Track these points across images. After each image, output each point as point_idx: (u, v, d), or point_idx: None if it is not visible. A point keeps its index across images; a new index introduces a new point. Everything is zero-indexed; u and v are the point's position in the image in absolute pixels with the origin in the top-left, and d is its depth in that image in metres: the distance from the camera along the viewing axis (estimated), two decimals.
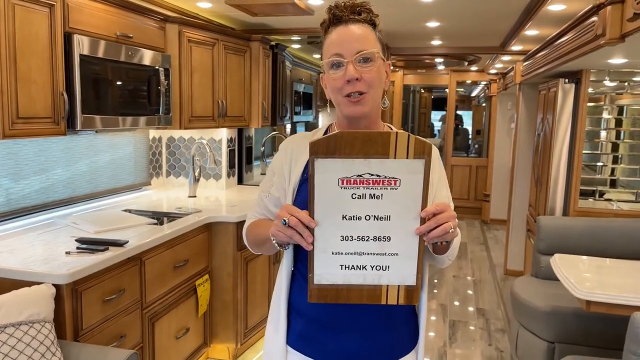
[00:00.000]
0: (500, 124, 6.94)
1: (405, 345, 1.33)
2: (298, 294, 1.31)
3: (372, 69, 1.22)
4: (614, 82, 3.38)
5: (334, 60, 1.23)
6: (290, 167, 1.34)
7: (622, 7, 1.97)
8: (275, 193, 1.36)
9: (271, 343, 1.37)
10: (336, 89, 1.24)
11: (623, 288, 2.35)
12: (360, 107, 1.24)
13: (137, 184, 3.60)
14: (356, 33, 1.22)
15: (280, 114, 4.29)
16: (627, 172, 3.51)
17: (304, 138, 1.37)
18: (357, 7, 1.25)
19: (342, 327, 1.27)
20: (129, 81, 2.69)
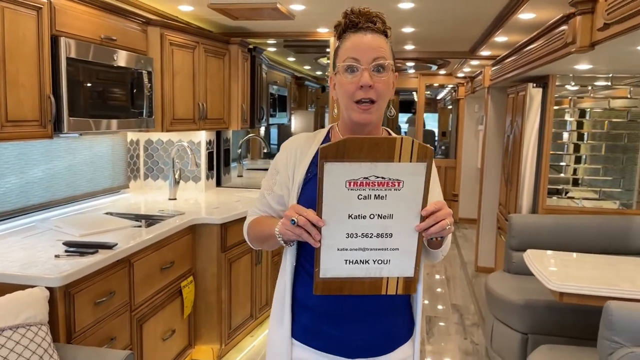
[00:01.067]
0: (468, 126, 7.16)
1: (403, 334, 1.41)
2: (302, 288, 1.37)
3: (384, 79, 1.29)
4: (576, 86, 3.58)
5: (349, 65, 1.28)
6: (294, 166, 1.38)
7: (592, 17, 2.12)
8: (279, 191, 1.41)
9: (276, 337, 1.41)
10: (348, 93, 1.30)
11: (593, 280, 2.51)
12: (368, 116, 1.31)
13: (116, 187, 3.58)
14: (374, 42, 1.29)
15: (258, 116, 4.33)
16: (589, 172, 3.72)
17: (307, 139, 1.43)
18: (373, 17, 1.32)
19: (346, 318, 1.33)
20: (113, 84, 2.69)
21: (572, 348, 2.50)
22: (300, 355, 1.38)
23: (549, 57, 2.75)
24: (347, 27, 1.33)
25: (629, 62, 2.81)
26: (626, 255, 3.22)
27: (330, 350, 1.35)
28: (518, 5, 2.82)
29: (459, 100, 7.50)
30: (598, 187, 3.71)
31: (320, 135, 1.44)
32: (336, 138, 1.41)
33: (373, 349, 1.36)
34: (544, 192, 3.64)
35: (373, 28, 1.31)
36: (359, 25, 1.31)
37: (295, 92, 6.32)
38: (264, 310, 3.73)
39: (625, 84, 3.51)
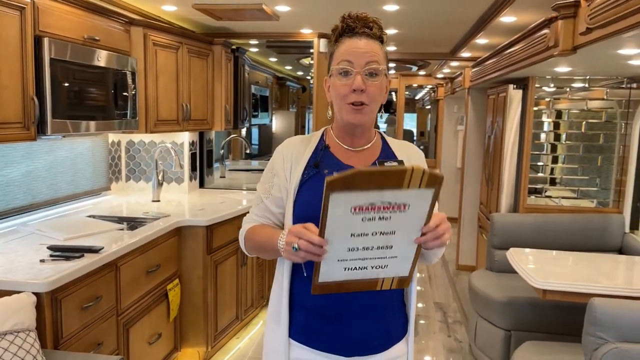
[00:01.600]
0: (447, 126, 7.25)
1: (398, 332, 1.44)
2: (299, 288, 1.38)
3: (377, 84, 1.32)
4: (552, 88, 3.66)
5: (343, 68, 1.31)
6: (291, 169, 1.40)
7: (573, 22, 2.17)
8: (277, 193, 1.42)
9: (273, 337, 1.42)
10: (341, 95, 1.33)
11: (574, 277, 2.58)
12: (360, 116, 1.34)
13: (97, 189, 3.52)
14: (368, 47, 1.31)
15: (242, 117, 4.32)
16: (567, 171, 3.81)
17: (302, 142, 1.45)
18: (370, 22, 1.34)
19: (343, 317, 1.35)
20: (97, 85, 2.65)
21: (555, 344, 2.56)
22: (298, 355, 1.39)
23: (531, 60, 2.81)
24: (344, 32, 1.36)
25: (609, 65, 2.89)
26: (603, 252, 3.32)
27: (328, 349, 1.36)
28: (500, 9, 2.87)
29: (439, 100, 7.59)
30: (576, 187, 3.80)
31: (315, 138, 1.45)
32: (331, 141, 1.44)
33: (370, 346, 1.38)
34: (525, 192, 3.71)
35: (369, 33, 1.34)
36: (355, 30, 1.34)
37: (277, 93, 6.32)
38: (249, 312, 3.72)
39: (601, 86, 3.61)
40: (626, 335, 1.83)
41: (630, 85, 3.50)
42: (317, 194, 1.33)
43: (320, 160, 1.39)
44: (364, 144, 1.42)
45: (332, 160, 1.40)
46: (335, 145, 1.43)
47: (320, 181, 1.35)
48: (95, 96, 2.64)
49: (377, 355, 1.39)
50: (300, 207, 1.36)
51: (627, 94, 3.56)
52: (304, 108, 7.28)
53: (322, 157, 1.40)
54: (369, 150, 1.43)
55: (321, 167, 1.38)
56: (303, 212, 1.35)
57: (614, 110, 3.65)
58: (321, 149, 1.42)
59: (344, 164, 1.40)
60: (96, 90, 2.65)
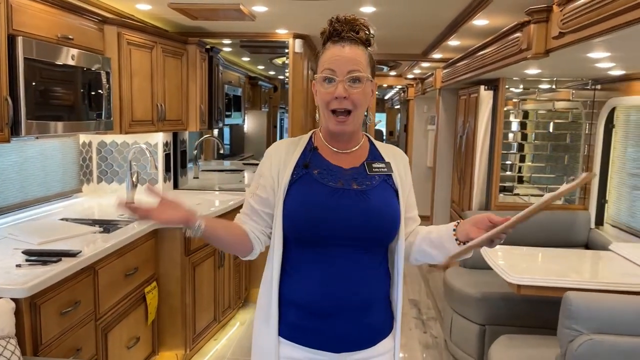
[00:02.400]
0: (417, 126, 7.36)
1: (385, 328, 1.47)
2: (288, 287, 1.40)
3: (360, 90, 1.35)
4: (519, 89, 3.78)
5: (326, 76, 1.35)
6: (278, 170, 1.43)
7: (546, 26, 2.25)
8: (262, 194, 1.45)
9: (262, 337, 1.43)
10: (325, 102, 1.37)
11: (546, 272, 2.67)
12: (343, 127, 1.38)
13: (68, 191, 3.43)
14: (351, 55, 1.34)
15: (216, 117, 4.28)
16: (535, 170, 3.94)
17: (291, 143, 1.49)
18: (356, 25, 1.36)
19: (331, 314, 1.37)
20: (71, 85, 2.59)
21: (529, 337, 2.65)
22: (288, 354, 1.40)
23: (503, 62, 2.90)
24: (331, 35, 1.38)
25: (577, 67, 3.00)
26: (571, 248, 3.45)
27: (318, 346, 1.38)
28: (473, 13, 2.95)
29: (409, 100, 7.70)
30: (543, 184, 3.93)
31: (304, 140, 1.49)
32: (319, 143, 1.47)
33: (358, 342, 1.41)
34: (496, 190, 3.82)
35: (354, 38, 1.36)
36: (342, 34, 1.36)
37: (249, 92, 6.28)
38: (227, 313, 3.70)
39: (566, 87, 3.75)
40: (599, 327, 1.92)
41: (595, 86, 3.64)
42: (307, 192, 1.38)
43: (309, 161, 1.42)
44: (352, 146, 1.46)
45: (321, 161, 1.43)
46: (324, 147, 1.46)
47: (309, 181, 1.39)
48: (69, 96, 2.58)
49: (365, 350, 1.42)
50: (289, 206, 1.39)
51: (591, 95, 3.71)
52: (275, 108, 7.26)
53: (311, 158, 1.43)
54: (356, 152, 1.46)
55: (310, 167, 1.41)
56: (292, 210, 1.38)
57: (579, 111, 3.79)
58: (310, 150, 1.45)
59: (332, 165, 1.43)
60: (70, 90, 2.58)
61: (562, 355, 1.98)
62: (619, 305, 1.95)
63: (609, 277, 2.69)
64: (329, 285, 1.36)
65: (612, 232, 3.52)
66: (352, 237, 1.35)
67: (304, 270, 1.39)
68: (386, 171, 1.44)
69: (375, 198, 1.38)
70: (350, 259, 1.37)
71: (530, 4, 2.38)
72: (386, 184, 1.43)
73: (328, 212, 1.34)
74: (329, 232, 1.34)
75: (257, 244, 1.46)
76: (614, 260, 2.95)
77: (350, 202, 1.36)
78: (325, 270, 1.36)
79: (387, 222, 1.39)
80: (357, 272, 1.37)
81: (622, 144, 3.47)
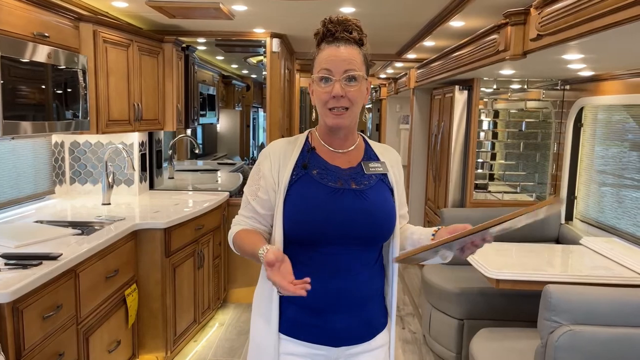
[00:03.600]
0: (390, 125, 7.46)
1: (381, 322, 1.52)
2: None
3: (356, 89, 1.38)
4: (490, 89, 3.89)
5: (323, 75, 1.37)
6: (279, 170, 1.44)
7: (523, 28, 2.33)
8: (263, 196, 1.45)
9: (262, 333, 1.45)
10: (322, 101, 1.39)
11: (523, 267, 2.76)
12: (341, 120, 1.40)
13: (40, 192, 3.35)
14: (346, 55, 1.37)
15: (192, 116, 4.24)
16: (507, 168, 4.05)
17: (288, 143, 1.50)
18: (349, 25, 1.39)
19: (330, 310, 1.41)
20: (48, 84, 2.52)
21: (508, 330, 2.73)
22: (287, 349, 1.43)
23: (480, 63, 2.97)
24: (325, 36, 1.41)
25: (550, 68, 3.10)
26: (542, 243, 3.56)
27: (317, 341, 1.42)
28: (451, 14, 3.01)
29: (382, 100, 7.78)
30: (516, 182, 4.05)
31: (300, 140, 1.51)
32: (316, 142, 1.49)
33: (356, 336, 1.45)
34: (471, 187, 3.91)
35: (348, 38, 1.39)
36: (335, 34, 1.39)
37: (223, 91, 6.23)
38: (206, 314, 3.67)
39: (537, 87, 3.87)
40: (578, 318, 2.00)
41: (564, 87, 3.77)
42: (307, 193, 1.40)
43: (308, 161, 1.44)
44: (348, 145, 1.48)
45: (319, 161, 1.45)
46: (321, 147, 1.48)
47: (309, 181, 1.40)
48: (46, 96, 2.52)
49: (362, 344, 1.46)
50: (290, 207, 1.40)
51: (561, 95, 3.84)
52: (248, 107, 7.23)
53: (309, 158, 1.45)
54: (352, 152, 1.49)
55: (309, 167, 1.43)
56: (293, 211, 1.39)
57: (549, 111, 3.92)
58: (307, 150, 1.47)
59: (330, 165, 1.45)
60: (47, 89, 2.52)
61: (543, 346, 2.05)
62: (596, 297, 2.04)
63: (581, 270, 2.79)
64: (328, 282, 1.38)
65: (581, 227, 3.65)
66: (352, 236, 1.38)
67: (303, 268, 1.39)
68: (382, 170, 1.48)
69: (373, 197, 1.42)
70: (348, 256, 1.40)
71: (506, 7, 2.45)
72: (382, 183, 1.47)
73: (329, 212, 1.37)
74: (329, 232, 1.37)
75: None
76: (584, 253, 3.07)
77: (350, 202, 1.39)
78: (324, 268, 1.39)
79: (385, 221, 1.43)
80: (355, 269, 1.41)
81: (590, 142, 3.61)
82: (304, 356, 1.43)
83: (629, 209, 3.17)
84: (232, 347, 3.49)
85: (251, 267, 4.23)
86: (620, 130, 3.29)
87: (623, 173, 3.27)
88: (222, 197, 3.86)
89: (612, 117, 3.38)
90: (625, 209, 3.21)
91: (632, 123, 3.19)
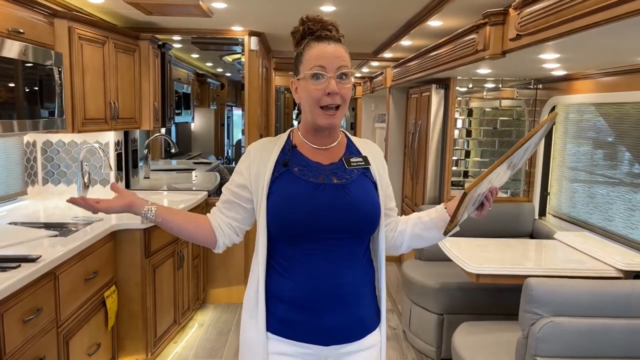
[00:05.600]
0: (365, 124, 7.50)
1: (372, 322, 1.51)
2: (275, 281, 1.43)
3: (348, 86, 1.40)
4: (464, 88, 3.96)
5: (316, 72, 1.37)
6: (258, 167, 1.46)
7: (502, 28, 2.38)
8: (235, 189, 1.51)
9: (250, 333, 1.44)
10: (315, 98, 1.39)
11: (502, 262, 2.82)
12: (334, 120, 1.42)
13: (12, 194, 3.25)
14: (337, 52, 1.39)
15: (169, 115, 4.18)
16: (483, 165, 4.13)
17: (269, 142, 1.52)
18: (328, 25, 1.42)
19: (319, 308, 1.40)
20: (19, 81, 2.44)
21: (488, 323, 2.79)
22: (276, 348, 1.42)
23: (458, 62, 3.02)
24: (306, 34, 1.42)
25: (526, 68, 3.18)
26: (517, 238, 3.66)
27: (306, 340, 1.41)
28: (429, 14, 3.06)
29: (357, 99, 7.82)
30: None
31: (282, 139, 1.52)
32: (297, 140, 1.51)
33: (346, 335, 1.44)
34: (448, 185, 3.98)
35: (330, 36, 1.41)
36: (316, 33, 1.41)
37: (198, 90, 6.16)
38: (186, 315, 3.63)
39: (510, 86, 3.96)
40: (558, 310, 2.06)
41: (537, 86, 3.87)
42: (288, 189, 1.42)
43: (288, 159, 1.45)
44: (331, 142, 1.50)
45: (300, 158, 1.47)
46: (303, 144, 1.49)
47: (290, 178, 1.43)
48: (16, 94, 2.44)
49: (353, 343, 1.45)
50: (272, 203, 1.42)
51: (533, 94, 3.94)
52: (223, 105, 7.17)
53: (290, 156, 1.46)
54: (334, 148, 1.51)
55: (290, 165, 1.45)
56: (275, 207, 1.41)
57: (522, 109, 4.02)
58: (289, 148, 1.48)
59: (311, 161, 1.47)
60: (18, 87, 2.44)
61: (525, 337, 2.11)
62: (574, 290, 2.10)
63: (557, 263, 2.88)
64: (315, 279, 1.39)
65: (554, 222, 3.76)
66: (335, 230, 1.39)
67: (289, 265, 1.41)
68: (364, 165, 1.49)
69: (355, 191, 1.43)
70: (334, 251, 1.40)
71: (484, 8, 2.50)
72: (365, 177, 1.48)
73: (311, 207, 1.38)
74: (313, 227, 1.38)
75: (220, 237, 1.52)
76: (557, 248, 3.16)
77: (332, 196, 1.40)
78: (310, 264, 1.39)
79: (368, 214, 1.44)
80: (341, 264, 1.41)
81: (562, 140, 3.71)
82: (293, 356, 1.42)
83: (600, 204, 3.28)
84: (212, 348, 3.47)
85: (230, 267, 4.20)
86: (591, 127, 3.40)
87: (594, 170, 3.38)
88: (200, 196, 3.82)
89: (583, 115, 3.49)
90: (596, 204, 3.32)
91: (602, 121, 3.30)
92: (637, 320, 2.06)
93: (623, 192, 3.07)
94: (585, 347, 2.03)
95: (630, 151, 3.05)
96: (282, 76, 8.22)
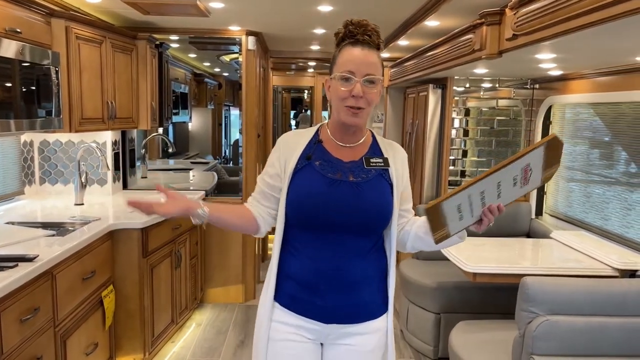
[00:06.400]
0: None
1: (378, 307, 1.58)
2: (287, 261, 1.56)
3: (375, 91, 1.47)
4: (461, 88, 3.97)
5: (345, 75, 1.45)
6: (286, 159, 1.56)
7: (499, 28, 2.39)
8: (269, 180, 1.60)
9: (262, 301, 1.61)
10: (341, 98, 1.47)
11: (499, 261, 2.83)
12: (357, 119, 1.50)
13: (10, 193, 3.25)
14: (368, 59, 1.46)
15: (166, 114, 4.18)
16: (480, 164, 4.15)
17: (297, 135, 1.62)
18: (369, 30, 1.48)
19: (325, 289, 1.51)
20: (16, 81, 2.44)
21: (485, 322, 2.80)
22: (280, 317, 1.56)
23: (454, 62, 3.03)
24: (346, 37, 1.50)
25: (522, 67, 3.19)
26: (514, 237, 3.67)
27: (308, 315, 1.53)
28: (426, 14, 3.07)
29: None
30: None
31: (310, 133, 1.61)
32: (324, 136, 1.59)
33: (348, 317, 1.54)
34: (446, 184, 3.99)
35: (368, 41, 1.47)
36: (356, 36, 1.47)
37: (195, 89, 6.16)
38: (184, 314, 3.63)
39: (507, 86, 3.98)
40: (554, 309, 2.07)
41: (533, 86, 3.89)
42: (307, 182, 1.52)
43: (312, 153, 1.55)
44: (356, 140, 1.57)
45: (323, 153, 1.55)
46: (329, 140, 1.58)
47: (310, 171, 1.52)
48: (13, 93, 2.44)
49: (355, 325, 1.55)
50: (292, 193, 1.53)
51: (530, 93, 3.95)
52: (220, 105, 7.17)
53: (314, 150, 1.55)
54: (358, 147, 1.58)
55: (313, 159, 1.54)
56: (294, 197, 1.52)
57: (519, 109, 4.03)
58: (314, 143, 1.57)
59: (333, 157, 1.55)
60: (15, 86, 2.44)
61: (521, 336, 2.12)
62: (571, 288, 2.11)
63: (554, 262, 2.89)
64: (320, 263, 1.51)
65: (550, 222, 3.77)
66: (344, 224, 1.49)
67: (301, 249, 1.53)
68: (382, 166, 1.55)
69: (367, 190, 1.51)
70: (341, 241, 1.50)
71: (481, 8, 2.51)
72: (382, 178, 1.55)
73: (324, 200, 1.49)
74: (324, 218, 1.49)
75: (262, 224, 1.62)
76: (554, 247, 3.17)
77: (345, 193, 1.49)
78: (319, 250, 1.51)
79: (375, 214, 1.52)
80: (347, 254, 1.51)
81: None
82: (293, 326, 1.54)
83: (596, 204, 3.29)
84: (210, 347, 3.47)
85: (228, 266, 4.20)
86: (588, 127, 3.42)
87: (590, 169, 3.40)
88: (197, 196, 3.82)
89: (579, 115, 3.51)
90: (592, 204, 3.34)
91: (598, 121, 3.32)
92: (632, 319, 2.08)
93: (619, 191, 3.09)
94: (581, 345, 2.04)
95: (626, 150, 3.06)
96: (280, 76, 8.21)
